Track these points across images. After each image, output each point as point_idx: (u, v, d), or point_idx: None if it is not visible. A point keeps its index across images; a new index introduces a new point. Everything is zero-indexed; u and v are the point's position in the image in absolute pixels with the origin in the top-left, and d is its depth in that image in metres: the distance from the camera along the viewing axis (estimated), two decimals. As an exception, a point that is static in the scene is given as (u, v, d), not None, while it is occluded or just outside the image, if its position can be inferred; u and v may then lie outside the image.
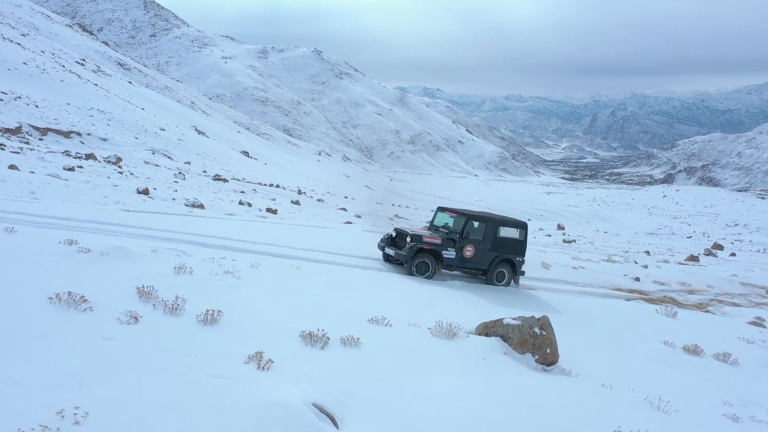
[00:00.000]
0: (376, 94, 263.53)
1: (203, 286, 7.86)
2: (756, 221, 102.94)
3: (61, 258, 7.72)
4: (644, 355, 9.40)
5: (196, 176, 36.56)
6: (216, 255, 10.18)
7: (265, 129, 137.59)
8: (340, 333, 6.84)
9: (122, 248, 8.62)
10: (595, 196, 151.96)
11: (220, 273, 8.78)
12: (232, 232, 13.32)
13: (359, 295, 9.78)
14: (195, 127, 76.16)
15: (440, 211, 15.28)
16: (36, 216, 11.08)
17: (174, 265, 8.54)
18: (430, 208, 61.94)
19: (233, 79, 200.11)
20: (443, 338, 7.74)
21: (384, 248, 14.23)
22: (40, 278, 6.63)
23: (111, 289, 6.80)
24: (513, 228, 14.57)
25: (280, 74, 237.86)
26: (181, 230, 12.25)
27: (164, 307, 6.48)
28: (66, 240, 8.59)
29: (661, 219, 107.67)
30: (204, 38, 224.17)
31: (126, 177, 25.05)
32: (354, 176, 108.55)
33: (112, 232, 10.77)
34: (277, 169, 73.51)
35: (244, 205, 22.76)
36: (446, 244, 13.73)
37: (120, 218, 12.49)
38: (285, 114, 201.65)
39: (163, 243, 10.34)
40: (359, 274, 11.88)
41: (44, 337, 5.07)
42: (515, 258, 14.41)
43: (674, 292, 17.48)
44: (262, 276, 9.32)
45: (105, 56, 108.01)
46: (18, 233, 8.71)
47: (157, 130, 57.21)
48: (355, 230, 19.42)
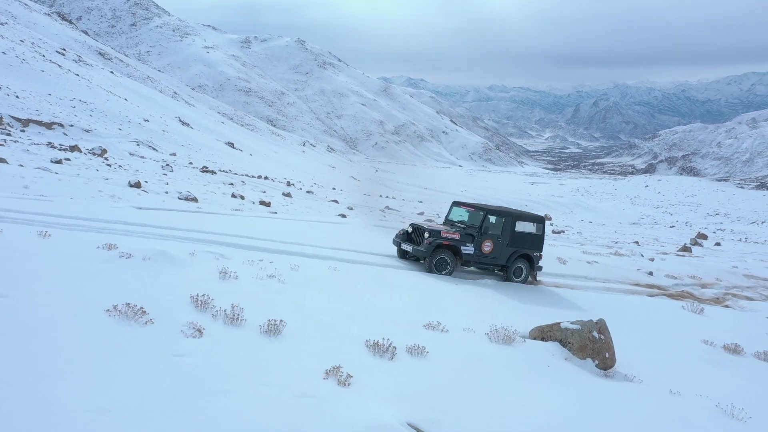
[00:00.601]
0: (360, 84, 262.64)
1: (253, 292, 7.69)
2: (736, 210, 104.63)
3: (106, 265, 7.48)
4: (690, 355, 9.29)
5: (183, 168, 36.20)
6: (252, 257, 10.00)
7: (249, 120, 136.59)
8: (403, 341, 6.68)
9: (163, 252, 8.42)
10: (578, 186, 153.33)
11: (264, 277, 8.61)
12: (253, 230, 13.04)
13: (402, 297, 9.64)
14: (179, 117, 75.36)
15: (455, 206, 14.93)
16: (57, 216, 10.74)
17: (217, 270, 8.38)
18: (417, 198, 62.02)
19: (216, 69, 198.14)
20: (501, 344, 7.60)
21: (400, 244, 13.91)
22: (91, 288, 6.37)
23: (164, 298, 6.57)
24: (530, 222, 14.35)
25: (263, 64, 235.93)
26: (203, 229, 12.02)
27: (224, 317, 6.27)
28: (104, 245, 8.34)
29: (644, 208, 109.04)
30: (185, 27, 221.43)
31: (115, 170, 24.71)
32: (339, 167, 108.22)
33: (141, 233, 10.53)
34: (263, 160, 73.06)
35: (237, 198, 22.58)
36: (465, 240, 13.42)
37: (137, 217, 12.22)
38: (268, 104, 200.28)
39: (196, 245, 10.12)
40: (393, 274, 11.73)
41: (115, 356, 4.81)
42: (533, 253, 14.20)
43: (688, 287, 17.46)
44: (304, 279, 9.17)
45: (85, 46, 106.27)
46: (53, 238, 8.42)
47: (141, 121, 56.53)
48: (366, 225, 19.20)
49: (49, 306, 5.49)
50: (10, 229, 8.56)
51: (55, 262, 7.09)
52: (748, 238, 64.60)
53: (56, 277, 6.49)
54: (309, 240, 13.22)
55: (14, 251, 7.26)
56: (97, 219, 11.14)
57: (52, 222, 10.06)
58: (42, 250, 7.58)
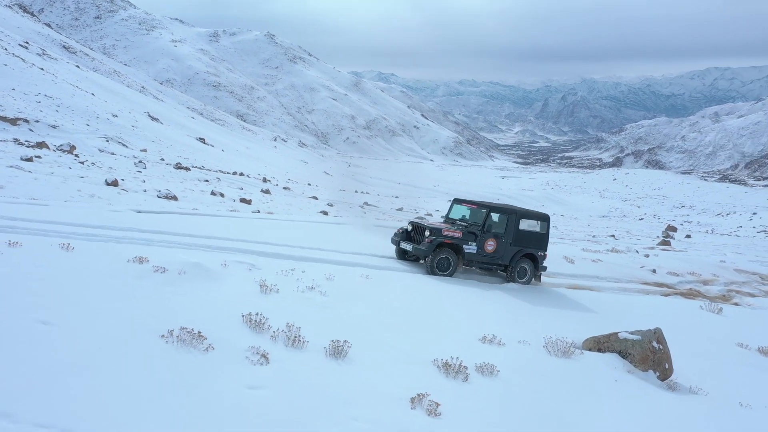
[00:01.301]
0: (330, 78, 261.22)
1: (299, 307, 7.36)
2: (701, 203, 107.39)
3: (143, 281, 7.04)
4: (733, 361, 9.13)
5: (156, 165, 35.47)
6: (281, 266, 9.64)
7: (219, 115, 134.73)
8: (469, 359, 6.37)
9: (197, 265, 8.05)
10: (548, 179, 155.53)
11: (305, 290, 8.28)
12: (263, 234, 12.59)
13: (442, 305, 9.38)
14: (148, 113, 73.83)
15: (456, 203, 14.33)
16: (64, 224, 10.13)
17: (255, 283, 8.08)
18: (391, 194, 62.07)
19: (184, 63, 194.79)
20: (560, 357, 7.35)
21: (399, 243, 13.30)
22: (136, 309, 5.92)
23: (215, 318, 6.17)
24: (535, 220, 13.83)
25: (232, 58, 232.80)
26: (215, 235, 11.59)
27: (285, 339, 5.89)
28: (134, 258, 7.89)
29: (612, 201, 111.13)
30: (152, 21, 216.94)
31: (88, 167, 24.02)
32: (312, 162, 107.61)
33: (162, 242, 10.08)
34: (235, 155, 72.13)
35: (217, 196, 22.17)
36: (467, 238, 12.85)
37: (146, 223, 11.70)
38: (238, 99, 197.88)
39: (221, 254, 9.75)
40: (424, 281, 11.40)
41: (188, 391, 4.37)
42: (537, 252, 13.62)
43: (691, 284, 17.38)
44: (343, 290, 8.84)
45: (49, 39, 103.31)
46: (77, 251, 7.94)
47: (110, 117, 55.21)
48: (366, 225, 18.82)
49: (100, 334, 5.03)
50: (28, 242, 7.99)
51: (90, 280, 6.65)
52: (714, 229, 66.38)
53: (97, 299, 6.04)
54: (323, 244, 12.83)
55: (43, 268, 6.76)
56: (109, 227, 10.63)
57: (64, 232, 9.54)
58: (72, 266, 7.10)
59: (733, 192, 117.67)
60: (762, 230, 66.30)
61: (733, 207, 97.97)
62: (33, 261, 7.02)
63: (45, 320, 5.08)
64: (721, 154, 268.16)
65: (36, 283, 6.14)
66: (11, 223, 9.49)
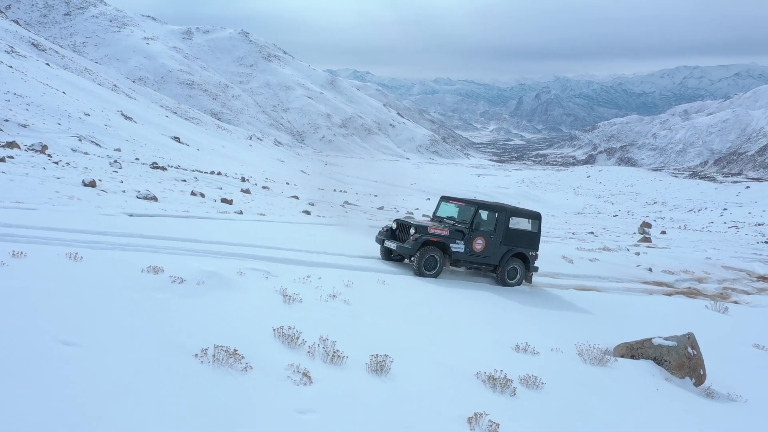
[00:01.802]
0: (306, 77, 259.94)
1: (326, 318, 7.08)
2: (672, 199, 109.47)
3: (162, 293, 6.61)
4: (757, 363, 9.05)
5: (132, 165, 34.82)
6: (296, 273, 9.33)
7: (193, 113, 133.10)
8: (512, 371, 6.15)
9: (214, 274, 7.74)
10: (523, 177, 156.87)
11: (327, 298, 8.01)
12: (268, 238, 12.23)
13: (464, 311, 9.20)
14: (121, 111, 72.56)
15: (444, 201, 13.89)
16: (59, 231, 9.63)
17: (275, 292, 7.81)
18: (369, 192, 61.92)
19: (156, 62, 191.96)
20: (596, 365, 7.16)
21: (383, 242, 12.86)
22: (162, 325, 5.53)
23: (246, 333, 5.83)
24: (526, 218, 13.39)
25: (206, 56, 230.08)
26: (220, 239, 11.20)
27: (323, 355, 5.60)
28: (148, 267, 7.47)
29: (587, 198, 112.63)
30: (123, 18, 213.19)
31: (63, 168, 23.40)
32: (288, 161, 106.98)
33: (169, 249, 9.68)
34: (211, 155, 71.28)
35: (197, 196, 21.75)
36: (454, 236, 12.41)
37: (142, 228, 11.25)
38: (213, 97, 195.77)
39: (233, 261, 9.44)
40: (439, 286, 11.12)
41: (238, 420, 4.03)
42: (528, 252, 13.13)
43: (686, 281, 17.39)
44: (364, 297, 8.58)
45: (17, 36, 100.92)
46: (85, 260, 7.47)
47: (82, 116, 54.09)
48: (362, 225, 18.55)
49: (130, 354, 4.65)
50: (32, 252, 7.47)
51: (108, 294, 6.23)
52: (687, 225, 67.59)
53: (119, 314, 5.62)
54: (329, 247, 12.55)
55: (54, 281, 6.26)
56: (109, 232, 10.20)
57: (65, 239, 9.09)
58: (85, 278, 6.62)
59: (703, 188, 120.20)
60: (732, 225, 67.77)
61: (703, 203, 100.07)
62: (43, 273, 6.58)
63: (68, 341, 4.63)
64: (691, 151, 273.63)
65: (51, 298, 5.68)
66: (7, 231, 9.06)
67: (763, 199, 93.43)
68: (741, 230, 62.09)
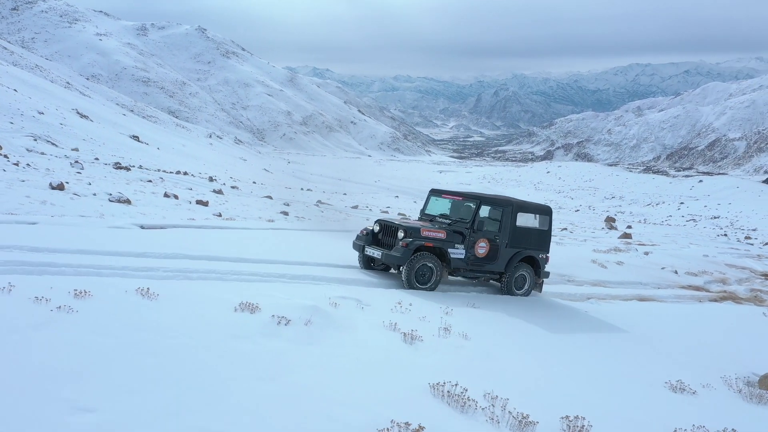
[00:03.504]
0: (265, 74, 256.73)
1: (461, 363, 6.40)
2: (630, 194, 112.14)
3: (273, 341, 5.79)
4: None
5: (94, 165, 33.51)
6: (382, 299, 8.62)
7: (150, 111, 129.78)
8: (702, 422, 5.66)
9: (315, 309, 6.99)
10: (484, 173, 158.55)
11: (442, 333, 7.34)
12: (311, 253, 11.40)
13: (582, 340, 8.65)
14: (76, 110, 70.04)
15: (434, 196, 11.75)
16: (94, 254, 8.67)
17: (387, 328, 7.11)
18: (334, 191, 61.40)
19: (110, 58, 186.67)
20: (756, 403, 6.73)
21: (363, 248, 10.76)
22: (304, 392, 4.73)
23: (401, 393, 5.13)
24: (534, 214, 11.49)
25: (161, 53, 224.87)
26: (262, 257, 10.30)
27: (511, 423, 4.91)
28: (241, 305, 6.61)
29: (547, 194, 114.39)
30: (74, 13, 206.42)
31: (24, 170, 22.21)
32: (250, 159, 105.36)
33: (230, 273, 8.82)
34: (172, 154, 69.50)
35: (171, 198, 20.87)
36: (453, 239, 10.39)
37: (175, 244, 10.26)
38: (170, 95, 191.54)
39: (310, 287, 8.79)
40: (528, 304, 10.45)
41: None
42: (538, 255, 11.28)
43: (711, 284, 16.61)
44: (474, 329, 7.88)
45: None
46: (162, 298, 6.55)
47: (35, 114, 51.93)
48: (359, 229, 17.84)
49: None
50: (94, 288, 6.43)
51: (213, 348, 5.31)
52: (647, 219, 69.34)
53: (242, 380, 4.74)
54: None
55: (143, 332, 5.36)
56: (149, 254, 9.22)
57: (106, 265, 8.02)
58: (174, 325, 5.71)
59: (658, 183, 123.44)
60: (690, 219, 69.88)
61: (660, 197, 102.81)
62: (122, 320, 5.61)
63: (209, 428, 3.85)
64: (644, 146, 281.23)
65: (153, 360, 4.76)
66: (33, 257, 7.88)
67: (715, 192, 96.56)
68: (699, 223, 64.07)
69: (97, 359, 4.67)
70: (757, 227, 58.20)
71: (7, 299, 5.74)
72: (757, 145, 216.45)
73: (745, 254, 25.51)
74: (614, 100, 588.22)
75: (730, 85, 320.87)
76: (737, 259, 22.49)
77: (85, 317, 5.55)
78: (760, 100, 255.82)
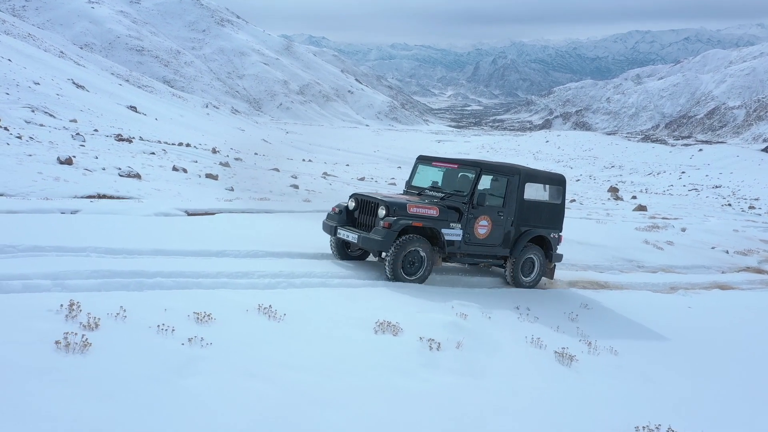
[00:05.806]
0: (261, 42, 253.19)
1: (625, 389, 5.65)
2: (629, 163, 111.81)
3: (430, 372, 5.03)
4: None
5: (95, 137, 32.98)
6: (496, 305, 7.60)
7: (146, 81, 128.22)
8: None
9: (455, 325, 6.18)
10: (483, 143, 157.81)
11: (588, 348, 6.47)
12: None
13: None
14: (72, 80, 69.04)
15: (422, 163, 9.65)
16: (168, 255, 7.64)
17: (532, 344, 6.27)
18: (334, 161, 60.98)
19: (103, 27, 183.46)
20: None
21: (336, 230, 8.59)
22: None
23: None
24: (545, 185, 9.58)
25: (155, 21, 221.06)
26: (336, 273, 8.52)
27: None
28: (380, 324, 5.70)
29: (546, 163, 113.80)
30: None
31: (28, 143, 21.71)
32: (248, 130, 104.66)
33: (309, 278, 7.59)
34: (171, 124, 68.80)
35: (180, 171, 20.50)
36: (447, 217, 8.35)
37: (233, 238, 8.96)
38: (164, 64, 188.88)
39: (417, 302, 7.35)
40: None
41: None
42: (549, 234, 9.39)
43: (764, 263, 15.39)
44: (610, 343, 6.88)
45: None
46: (289, 317, 5.63)
47: (31, 84, 51.15)
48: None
49: None
50: (212, 307, 5.45)
51: (383, 387, 4.52)
52: (648, 189, 69.20)
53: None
54: None
55: (295, 370, 4.53)
56: (229, 252, 8.04)
57: (192, 272, 6.90)
58: (320, 356, 4.88)
59: (658, 152, 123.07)
60: (692, 188, 69.73)
61: (660, 166, 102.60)
62: (264, 353, 4.73)
63: None
64: (643, 114, 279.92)
65: (333, 414, 3.93)
66: (119, 264, 6.69)
67: (715, 161, 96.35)
68: (701, 193, 63.97)
69: (269, 415, 3.78)
70: (759, 196, 58.13)
71: (128, 331, 4.69)
72: (757, 114, 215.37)
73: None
74: (613, 68, 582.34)
75: (731, 53, 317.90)
76: (766, 233, 21.59)
77: (225, 353, 4.60)
78: (760, 67, 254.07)
